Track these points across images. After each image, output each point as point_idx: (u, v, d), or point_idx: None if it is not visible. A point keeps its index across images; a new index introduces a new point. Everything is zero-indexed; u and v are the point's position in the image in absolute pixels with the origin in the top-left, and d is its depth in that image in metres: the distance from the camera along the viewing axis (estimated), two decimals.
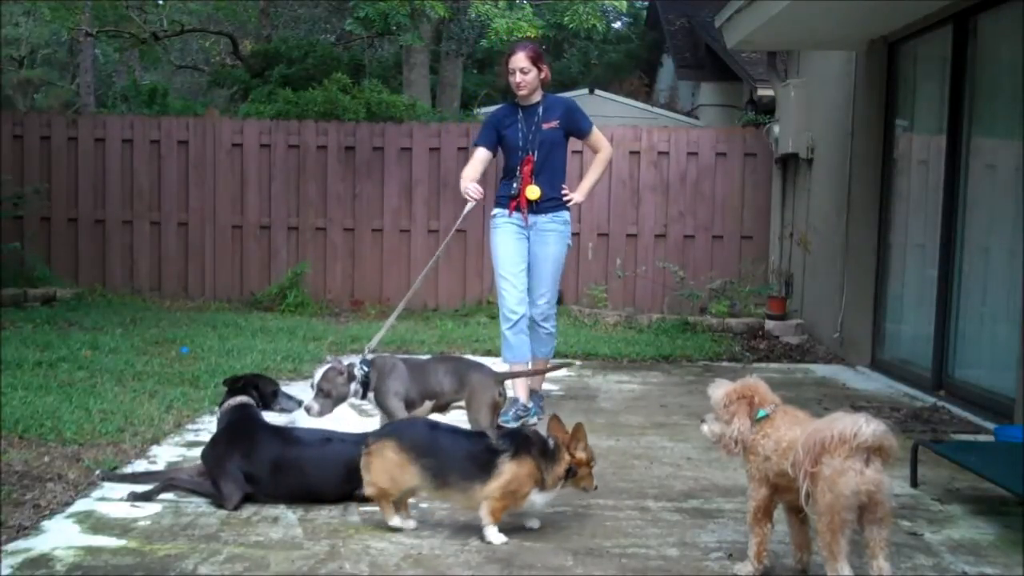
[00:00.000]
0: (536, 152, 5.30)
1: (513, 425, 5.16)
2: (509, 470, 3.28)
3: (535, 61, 5.24)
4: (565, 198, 5.38)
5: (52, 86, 24.26)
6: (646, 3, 20.63)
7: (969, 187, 6.12)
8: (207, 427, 4.73)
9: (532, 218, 5.33)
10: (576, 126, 5.44)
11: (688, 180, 9.76)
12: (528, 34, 10.20)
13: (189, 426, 4.88)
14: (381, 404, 4.26)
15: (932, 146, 6.65)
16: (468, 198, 5.28)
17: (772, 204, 9.64)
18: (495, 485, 3.27)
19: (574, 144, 9.62)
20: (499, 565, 3.14)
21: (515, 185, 5.31)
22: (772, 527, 3.04)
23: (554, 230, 5.38)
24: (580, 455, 3.37)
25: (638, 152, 9.77)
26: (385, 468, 3.33)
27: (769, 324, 8.59)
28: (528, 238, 5.37)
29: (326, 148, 9.83)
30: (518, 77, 5.23)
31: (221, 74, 18.48)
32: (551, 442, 3.38)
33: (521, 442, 3.36)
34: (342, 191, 9.82)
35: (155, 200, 9.84)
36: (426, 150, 9.74)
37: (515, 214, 5.34)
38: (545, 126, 5.32)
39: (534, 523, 3.49)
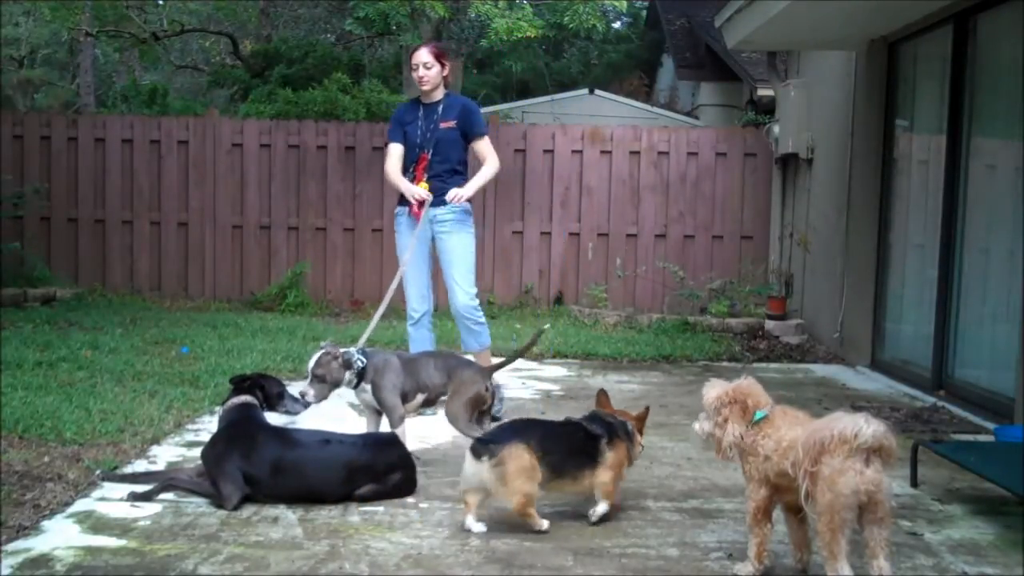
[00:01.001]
0: (431, 151, 5.32)
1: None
2: (611, 454, 3.54)
3: (438, 57, 5.30)
4: (448, 195, 5.26)
5: (52, 86, 24.25)
6: (646, 3, 20.63)
7: (969, 187, 6.12)
8: (207, 427, 4.73)
9: (431, 212, 5.30)
10: (470, 128, 5.40)
11: (688, 180, 9.76)
12: (528, 34, 10.22)
13: (189, 426, 4.88)
14: (378, 398, 4.25)
15: (932, 146, 6.65)
16: (414, 200, 5.27)
17: (772, 204, 9.64)
18: (603, 470, 3.52)
19: (574, 144, 9.73)
20: (499, 565, 3.14)
21: (412, 181, 5.34)
22: (772, 527, 3.04)
23: (455, 219, 5.34)
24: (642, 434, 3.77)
25: (638, 152, 9.77)
26: (524, 471, 3.33)
27: (769, 324, 8.59)
28: (430, 234, 5.38)
29: (326, 148, 9.83)
30: (421, 72, 5.27)
31: (221, 74, 18.48)
32: (629, 424, 3.70)
33: (610, 427, 3.61)
34: (342, 191, 9.82)
35: (155, 200, 9.84)
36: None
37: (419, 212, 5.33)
38: (443, 125, 5.33)
39: (599, 510, 3.59)
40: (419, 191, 5.27)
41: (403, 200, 5.41)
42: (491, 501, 3.47)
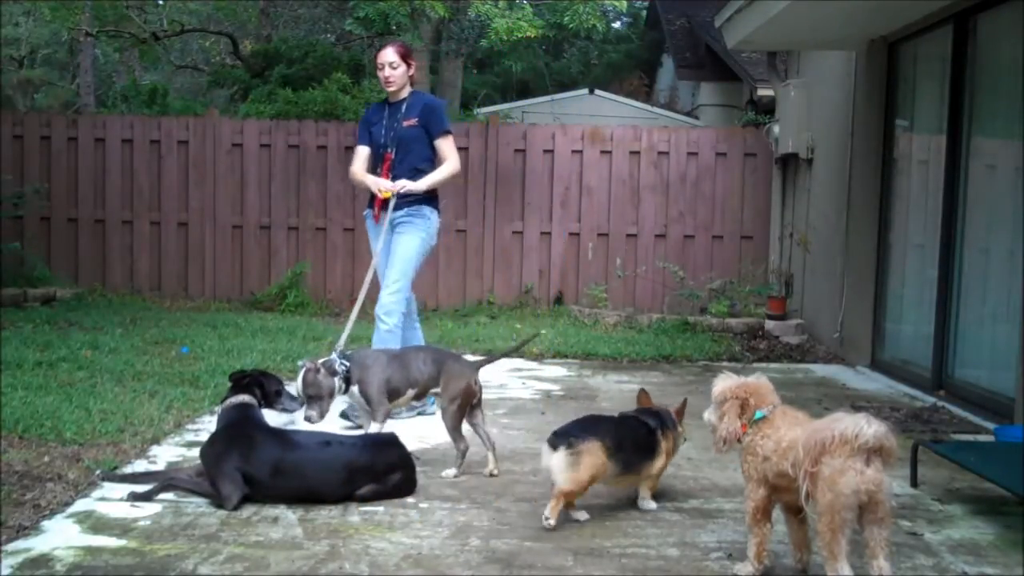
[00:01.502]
0: (395, 150, 5.29)
1: (412, 415, 5.18)
2: (664, 447, 3.71)
3: (404, 57, 5.28)
4: (396, 183, 5.18)
5: (52, 86, 24.25)
6: (646, 3, 20.63)
7: (969, 187, 6.12)
8: (207, 427, 4.73)
9: (392, 215, 5.21)
10: (431, 126, 5.30)
11: (688, 180, 9.76)
12: (528, 34, 10.22)
13: (189, 426, 4.88)
14: (365, 395, 4.22)
15: (932, 146, 6.65)
16: (379, 193, 5.21)
17: (772, 204, 9.64)
18: (659, 463, 3.67)
19: (573, 144, 9.71)
20: (499, 565, 3.14)
21: (382, 186, 5.25)
22: (771, 527, 3.04)
23: (409, 222, 5.25)
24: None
25: (638, 152, 9.77)
26: (594, 465, 3.45)
27: (769, 324, 8.59)
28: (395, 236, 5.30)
29: (326, 148, 9.83)
30: (386, 72, 5.25)
31: (221, 74, 18.47)
32: (673, 415, 3.85)
33: (661, 419, 3.74)
34: (342, 191, 9.81)
35: (155, 200, 9.84)
36: None
37: (379, 216, 5.29)
38: (405, 123, 5.29)
39: (649, 504, 3.76)
40: (384, 182, 5.21)
41: (370, 202, 5.39)
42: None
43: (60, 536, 3.30)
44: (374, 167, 5.39)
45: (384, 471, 3.78)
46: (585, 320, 9.01)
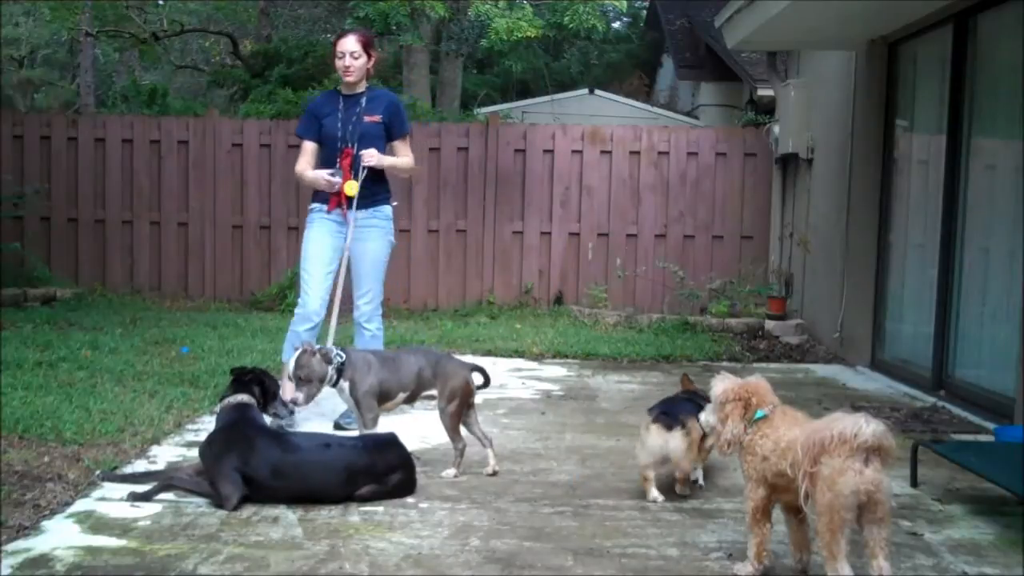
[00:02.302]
0: (356, 145, 4.96)
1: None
2: None
3: (366, 47, 4.99)
4: (365, 155, 4.91)
5: (52, 86, 24.25)
6: (646, 3, 20.63)
7: (969, 187, 6.12)
8: (207, 427, 4.72)
9: (351, 214, 4.95)
10: (394, 127, 5.08)
11: (688, 180, 9.76)
12: (528, 34, 10.22)
13: (189, 426, 4.88)
14: (355, 397, 4.18)
15: (932, 146, 6.65)
16: (326, 185, 4.92)
17: (772, 204, 9.64)
18: (710, 440, 3.65)
19: (574, 144, 9.72)
20: (499, 565, 3.14)
21: (336, 180, 4.94)
22: (771, 527, 3.04)
23: (374, 226, 5.05)
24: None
25: (638, 152, 9.76)
26: (697, 443, 3.79)
27: (769, 324, 8.59)
28: (345, 236, 4.99)
29: None
30: (347, 61, 4.94)
31: (221, 74, 18.50)
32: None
33: (705, 399, 3.81)
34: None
35: (155, 200, 9.84)
36: (426, 150, 9.73)
37: (335, 211, 4.99)
38: (367, 118, 5.00)
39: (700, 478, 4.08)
40: (328, 175, 4.91)
41: (319, 196, 5.05)
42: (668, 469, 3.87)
43: (60, 536, 3.30)
44: (327, 162, 5.01)
45: (384, 472, 3.78)
46: (585, 320, 9.01)
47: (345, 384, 4.15)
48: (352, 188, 4.92)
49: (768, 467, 2.94)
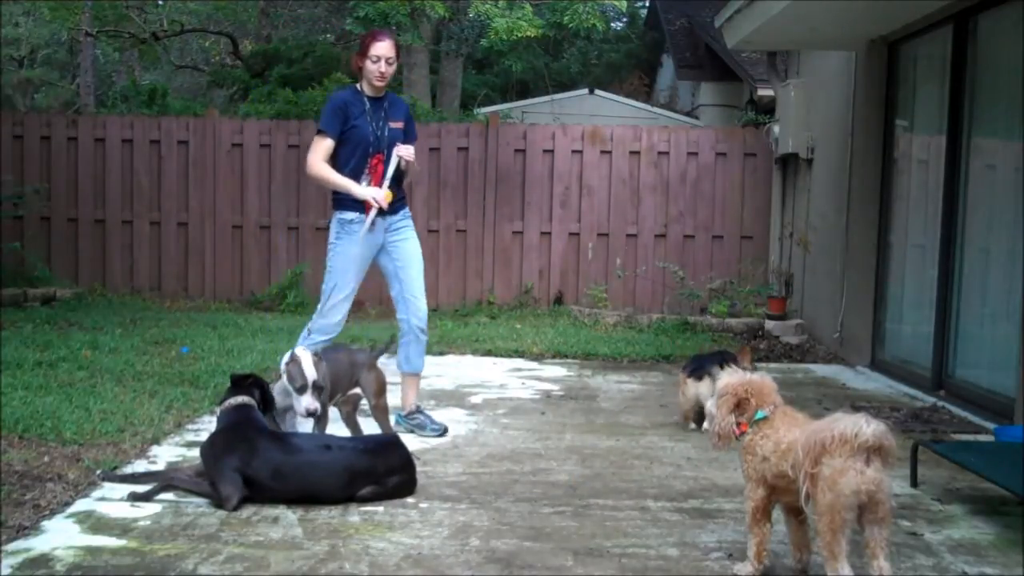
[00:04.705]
0: (385, 151, 4.81)
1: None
2: None
3: (398, 53, 4.86)
4: (403, 149, 4.80)
5: (52, 86, 24.24)
6: (646, 3, 20.63)
7: (969, 187, 6.12)
8: (207, 427, 4.73)
9: (387, 220, 4.86)
10: (410, 133, 4.97)
11: (688, 180, 9.76)
12: (528, 34, 10.22)
13: (189, 426, 4.88)
14: (323, 401, 4.21)
15: (932, 146, 6.65)
16: (375, 205, 4.70)
17: (772, 204, 9.64)
18: None
19: (573, 144, 9.72)
20: (499, 565, 3.14)
21: (367, 184, 4.79)
22: (771, 527, 3.04)
23: (407, 226, 4.97)
24: (745, 364, 4.82)
25: (638, 152, 9.76)
26: None
27: (769, 324, 8.59)
28: (375, 245, 4.88)
29: None
30: (383, 67, 4.73)
31: (221, 74, 18.49)
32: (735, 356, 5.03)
33: (732, 358, 4.81)
34: None
35: (155, 200, 9.84)
36: (426, 150, 9.73)
37: (377, 219, 4.79)
38: (392, 124, 4.85)
39: None
40: (381, 194, 4.71)
41: (351, 205, 4.80)
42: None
43: (60, 536, 3.30)
44: (352, 163, 4.80)
45: (385, 473, 3.78)
46: (585, 320, 9.01)
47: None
48: (389, 196, 4.78)
49: (768, 468, 2.94)
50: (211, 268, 9.85)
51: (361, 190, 4.73)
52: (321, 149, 4.78)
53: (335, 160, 4.82)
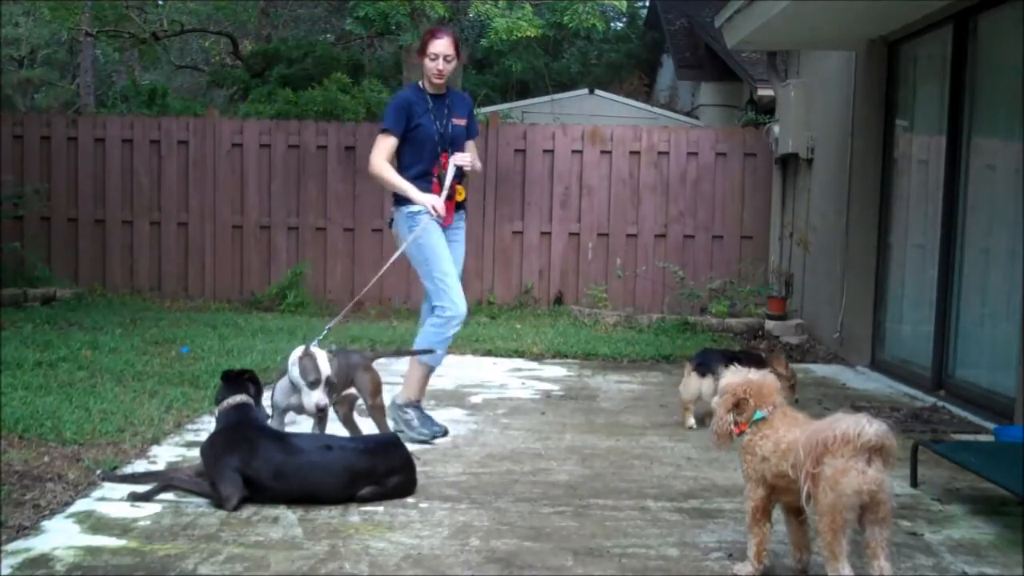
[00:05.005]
0: (450, 148, 4.81)
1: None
2: None
3: (457, 49, 4.79)
4: (467, 160, 4.82)
5: (52, 86, 24.24)
6: (646, 3, 20.62)
7: (969, 187, 6.12)
8: (207, 427, 4.72)
9: (452, 218, 4.87)
10: (472, 128, 4.98)
11: (688, 180, 9.76)
12: (528, 34, 10.22)
13: (189, 426, 4.87)
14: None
15: (932, 146, 6.65)
16: (434, 215, 4.70)
17: (772, 204, 9.64)
18: None
19: (573, 143, 9.72)
20: (499, 565, 3.14)
21: (441, 181, 4.78)
22: (771, 527, 3.04)
23: (462, 228, 5.03)
24: (781, 370, 4.82)
25: (638, 152, 9.76)
26: None
27: (769, 324, 8.59)
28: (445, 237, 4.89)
29: (326, 148, 9.83)
30: (441, 64, 4.71)
31: (221, 74, 18.48)
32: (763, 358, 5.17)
33: (760, 360, 5.02)
34: (342, 191, 9.82)
35: (155, 200, 9.84)
36: None
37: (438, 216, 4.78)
38: (455, 121, 4.84)
39: None
40: (440, 203, 4.70)
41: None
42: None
43: (60, 536, 3.30)
44: (417, 161, 4.77)
45: (385, 474, 3.78)
46: (585, 320, 9.01)
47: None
48: (461, 194, 4.85)
49: (768, 468, 2.94)
50: (211, 268, 9.86)
51: (421, 196, 4.70)
52: (385, 148, 4.76)
53: (399, 160, 4.80)
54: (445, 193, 4.78)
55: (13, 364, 5.96)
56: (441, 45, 4.72)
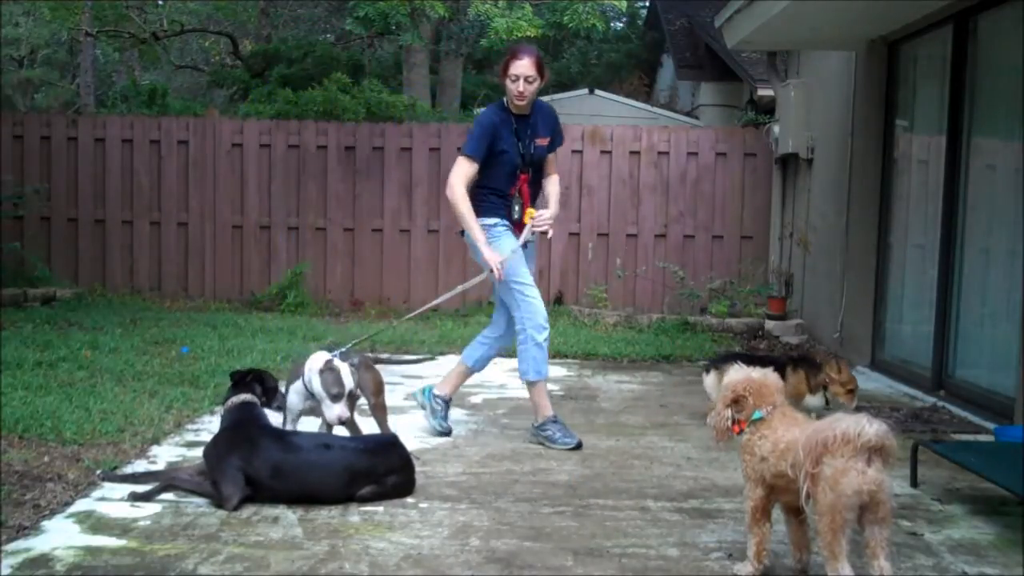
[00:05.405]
0: (531, 171, 4.83)
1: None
2: (791, 380, 5.01)
3: (540, 69, 4.68)
4: (540, 221, 4.86)
5: (52, 86, 24.25)
6: (646, 3, 20.62)
7: (969, 187, 6.12)
8: (207, 427, 4.74)
9: (522, 237, 4.87)
10: (556, 141, 4.98)
11: (688, 180, 9.76)
12: (528, 33, 10.21)
13: (189, 426, 4.88)
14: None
15: (932, 146, 6.65)
16: (495, 271, 4.65)
17: (772, 204, 9.64)
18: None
19: (573, 143, 9.72)
20: (499, 565, 3.14)
21: (516, 208, 4.82)
22: (771, 527, 3.04)
23: (533, 241, 5.03)
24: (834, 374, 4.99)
25: (638, 152, 9.76)
26: None
27: (769, 324, 8.59)
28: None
29: (326, 148, 9.83)
30: (522, 86, 4.64)
31: (221, 74, 18.49)
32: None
33: (809, 363, 5.19)
34: (342, 191, 9.82)
35: (155, 200, 9.84)
36: (426, 150, 9.73)
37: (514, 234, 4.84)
38: (539, 141, 4.81)
39: None
40: (499, 264, 4.63)
41: (492, 211, 4.82)
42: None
43: (60, 536, 3.30)
44: (498, 181, 4.78)
45: (385, 473, 3.78)
46: (585, 320, 9.01)
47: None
48: (529, 216, 4.84)
49: (767, 468, 2.94)
50: (211, 268, 9.86)
51: (488, 254, 4.65)
52: (465, 174, 4.70)
53: (480, 177, 4.77)
54: (518, 243, 4.78)
55: (13, 364, 5.96)
56: (522, 66, 4.63)
